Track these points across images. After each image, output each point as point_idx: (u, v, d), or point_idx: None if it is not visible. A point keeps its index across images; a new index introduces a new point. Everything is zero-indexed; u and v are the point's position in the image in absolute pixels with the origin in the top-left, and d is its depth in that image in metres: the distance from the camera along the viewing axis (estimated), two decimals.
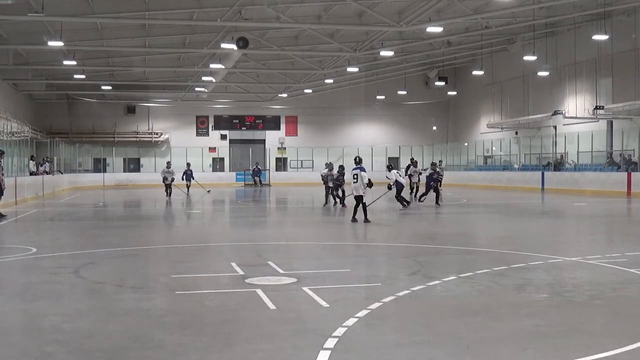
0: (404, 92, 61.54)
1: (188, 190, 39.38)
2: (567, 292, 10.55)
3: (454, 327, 8.33)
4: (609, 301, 9.95)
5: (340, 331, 7.79)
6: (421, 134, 66.80)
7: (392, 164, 37.22)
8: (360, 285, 11.13)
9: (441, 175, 34.64)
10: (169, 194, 38.03)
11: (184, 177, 38.30)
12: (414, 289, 10.45)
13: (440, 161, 43.57)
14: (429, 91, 64.05)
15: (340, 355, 6.93)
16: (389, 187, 26.90)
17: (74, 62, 44.06)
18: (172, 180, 38.58)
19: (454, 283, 11.11)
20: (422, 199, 31.64)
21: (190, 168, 39.15)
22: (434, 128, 67.22)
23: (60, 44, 35.97)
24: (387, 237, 19.32)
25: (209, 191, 43.18)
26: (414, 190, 35.37)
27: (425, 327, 8.35)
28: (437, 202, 30.15)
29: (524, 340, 7.68)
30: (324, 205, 30.47)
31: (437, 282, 11.07)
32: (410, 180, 35.20)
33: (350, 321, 8.27)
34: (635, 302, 9.95)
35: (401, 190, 27.38)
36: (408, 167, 37.83)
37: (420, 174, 36.05)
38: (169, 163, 40.33)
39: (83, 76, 50.83)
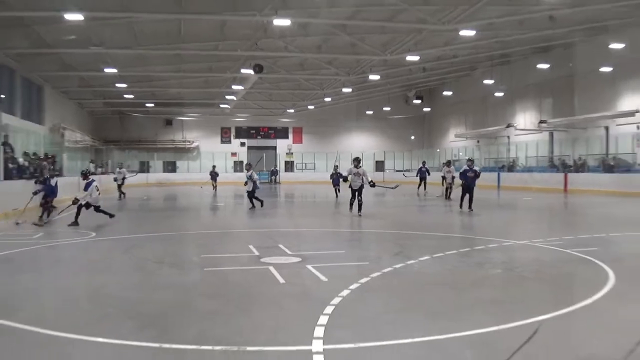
0: (388, 108, 61.58)
1: (215, 188, 38.51)
2: (517, 268, 10.60)
3: (428, 296, 8.42)
4: (549, 275, 10.02)
5: (336, 300, 7.84)
6: (402, 142, 66.67)
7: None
8: (353, 263, 11.16)
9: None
10: (120, 195, 32.86)
11: (211, 176, 37.39)
12: (396, 266, 10.47)
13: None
14: (408, 107, 63.85)
15: (336, 319, 6.97)
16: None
17: (124, 85, 44.45)
18: (123, 180, 33.92)
19: (428, 262, 11.12)
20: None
21: (216, 170, 38.34)
22: (412, 137, 67.10)
23: (114, 70, 36.15)
24: (375, 224, 19.33)
25: (202, 187, 39.85)
26: (448, 190, 30.22)
27: (404, 297, 8.42)
28: (469, 207, 22.40)
29: (484, 306, 7.75)
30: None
31: (414, 261, 11.08)
32: (444, 181, 30.80)
33: (345, 292, 8.32)
34: (569, 275, 10.04)
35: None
36: (420, 170, 37.38)
37: (454, 177, 29.86)
38: (120, 164, 38.01)
39: (131, 96, 50.78)
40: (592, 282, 8.96)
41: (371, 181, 21.14)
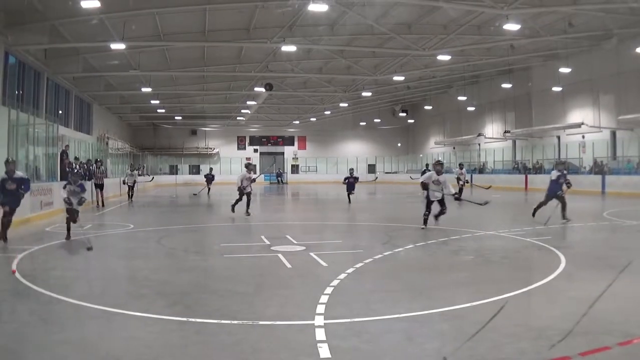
0: (378, 120, 61.95)
1: (209, 190, 35.24)
2: (486, 254, 10.60)
3: (412, 279, 8.44)
4: (513, 260, 10.05)
5: (335, 282, 7.84)
6: (390, 148, 66.66)
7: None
8: (349, 251, 11.15)
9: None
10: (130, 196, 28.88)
11: (207, 179, 34.72)
12: (385, 253, 10.48)
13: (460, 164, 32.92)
14: (395, 119, 63.88)
15: (335, 297, 6.99)
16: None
17: (157, 101, 44.41)
18: (134, 183, 29.57)
19: (412, 249, 11.15)
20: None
21: (212, 173, 35.79)
22: (399, 144, 67.21)
23: (149, 89, 36.17)
24: (367, 218, 19.34)
25: (196, 194, 33.60)
26: (461, 190, 27.10)
27: (392, 279, 8.44)
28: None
29: (459, 287, 7.77)
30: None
31: (400, 249, 11.10)
32: (458, 182, 27.84)
33: (342, 275, 8.32)
34: (529, 260, 10.10)
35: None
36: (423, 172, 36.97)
37: (466, 181, 29.21)
38: (131, 166, 35.56)
39: (163, 110, 50.77)
40: (547, 265, 8.99)
41: (455, 193, 16.13)
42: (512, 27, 24.95)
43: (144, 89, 36.21)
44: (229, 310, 6.46)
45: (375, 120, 62.43)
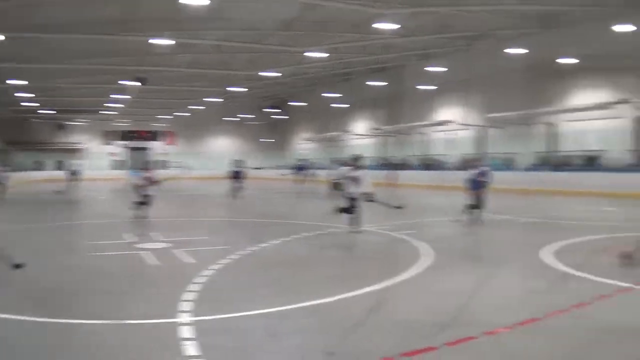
0: (250, 115, 62.54)
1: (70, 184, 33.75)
2: (354, 249, 10.94)
3: (279, 274, 8.50)
4: (380, 254, 10.43)
5: (202, 279, 7.83)
6: (260, 144, 67.12)
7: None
8: (217, 247, 11.00)
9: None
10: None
11: (71, 174, 33.11)
12: (251, 249, 10.51)
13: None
14: (265, 115, 64.27)
15: (202, 294, 6.99)
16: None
17: (27, 94, 43.02)
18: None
19: (278, 245, 11.22)
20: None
21: (75, 169, 33.94)
22: (270, 140, 67.59)
23: (19, 82, 34.58)
24: (236, 214, 19.38)
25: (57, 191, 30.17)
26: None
27: (259, 274, 8.47)
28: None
29: (325, 281, 7.91)
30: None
31: (266, 244, 11.13)
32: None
33: (209, 272, 8.32)
34: (397, 254, 10.37)
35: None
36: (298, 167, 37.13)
37: None
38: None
39: (33, 103, 48.88)
40: (414, 259, 9.28)
41: (368, 193, 13.56)
42: (388, 26, 25.42)
43: (10, 81, 34.38)
44: (94, 310, 6.33)
45: (247, 115, 62.67)
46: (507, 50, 29.59)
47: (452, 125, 37.90)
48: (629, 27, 23.80)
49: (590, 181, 26.26)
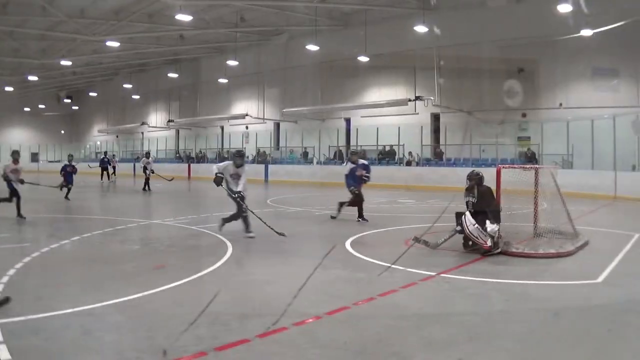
0: (44, 106, 59.06)
1: None
2: (153, 243, 10.87)
3: (82, 271, 8.24)
4: (181, 247, 10.37)
5: (4, 279, 7.37)
6: (55, 136, 62.80)
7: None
8: (15, 245, 10.42)
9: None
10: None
11: None
12: (52, 246, 10.05)
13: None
14: (60, 105, 60.90)
15: (5, 295, 6.43)
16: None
17: None
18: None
19: (78, 241, 10.85)
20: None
21: None
22: (62, 132, 64.04)
23: None
24: (31, 210, 18.17)
25: None
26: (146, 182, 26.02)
27: (62, 272, 8.16)
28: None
29: (128, 277, 7.75)
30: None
31: (67, 241, 10.73)
32: (145, 172, 26.14)
33: (11, 271, 7.82)
34: (198, 247, 10.29)
35: None
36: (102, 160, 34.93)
37: (152, 171, 26.80)
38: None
39: None
40: (215, 252, 9.42)
41: (236, 192, 11.42)
42: (183, 17, 25.34)
43: None
44: None
45: (40, 106, 59.12)
46: (304, 47, 30.78)
47: (248, 119, 38.74)
48: (422, 28, 26.05)
49: (386, 174, 27.95)
